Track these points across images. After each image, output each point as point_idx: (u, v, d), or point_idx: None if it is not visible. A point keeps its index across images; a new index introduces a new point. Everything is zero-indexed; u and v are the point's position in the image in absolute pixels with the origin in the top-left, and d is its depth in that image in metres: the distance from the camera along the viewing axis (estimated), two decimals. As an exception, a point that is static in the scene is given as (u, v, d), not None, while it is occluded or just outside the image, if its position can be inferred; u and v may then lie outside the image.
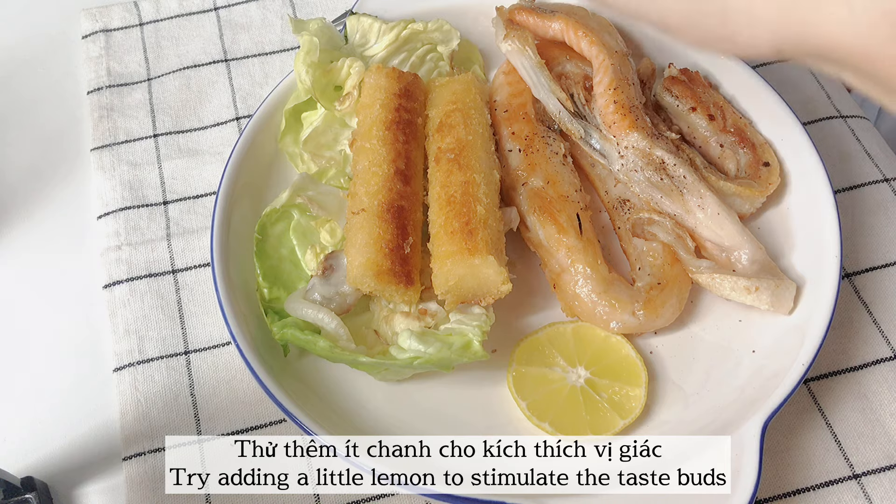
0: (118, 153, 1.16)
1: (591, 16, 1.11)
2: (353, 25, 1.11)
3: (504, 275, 0.89)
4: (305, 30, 1.06)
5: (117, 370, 0.99)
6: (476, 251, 0.88)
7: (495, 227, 0.93)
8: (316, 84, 1.04)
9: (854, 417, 0.93)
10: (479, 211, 0.92)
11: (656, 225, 0.99)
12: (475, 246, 0.89)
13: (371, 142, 0.97)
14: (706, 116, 1.06)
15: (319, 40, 1.04)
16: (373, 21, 1.10)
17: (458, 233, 0.90)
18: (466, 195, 0.93)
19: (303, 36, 1.05)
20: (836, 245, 0.94)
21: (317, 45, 1.04)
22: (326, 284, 0.92)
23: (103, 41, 1.27)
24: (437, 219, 0.93)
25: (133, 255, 1.07)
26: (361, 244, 0.91)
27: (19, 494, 0.86)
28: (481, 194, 0.93)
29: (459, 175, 0.94)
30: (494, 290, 0.90)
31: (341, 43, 1.10)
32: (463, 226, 0.90)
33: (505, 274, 0.89)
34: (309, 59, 1.03)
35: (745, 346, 0.94)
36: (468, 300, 0.92)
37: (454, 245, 0.89)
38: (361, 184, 0.95)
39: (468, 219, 0.91)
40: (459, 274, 0.88)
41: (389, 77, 1.02)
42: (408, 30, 1.10)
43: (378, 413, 0.92)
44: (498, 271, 0.88)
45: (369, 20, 1.10)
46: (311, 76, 1.03)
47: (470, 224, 0.90)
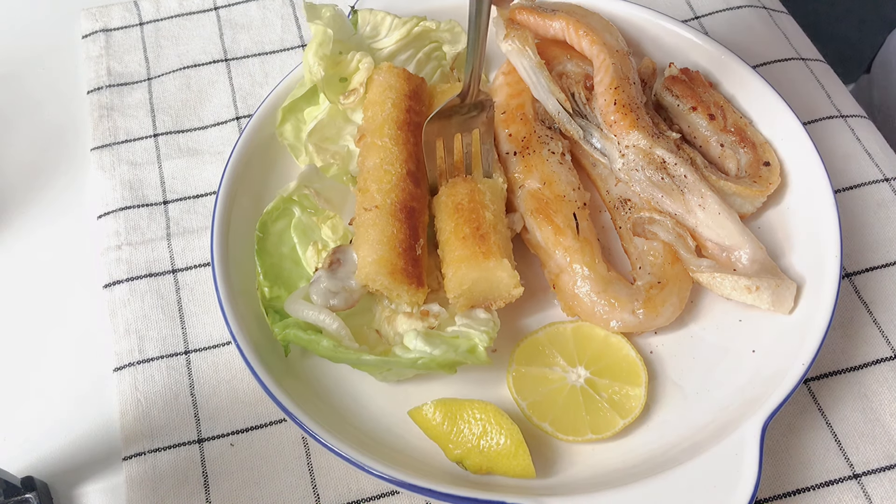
0: (118, 153, 1.16)
1: (591, 15, 1.11)
2: (365, 17, 1.10)
3: (517, 278, 0.89)
4: (318, 17, 1.04)
5: (117, 370, 0.99)
6: (490, 254, 0.89)
7: (504, 233, 0.94)
8: (325, 76, 1.03)
9: (854, 417, 0.93)
10: (488, 217, 0.92)
11: (657, 224, 0.99)
12: (489, 250, 0.89)
13: (383, 139, 0.97)
14: (707, 116, 1.06)
15: (332, 30, 1.03)
16: (385, 15, 1.09)
17: (470, 238, 0.90)
18: (473, 202, 0.93)
19: (316, 25, 1.03)
20: (836, 245, 0.94)
21: (331, 37, 1.02)
22: (333, 278, 0.92)
23: (103, 41, 1.27)
24: (445, 225, 0.94)
25: (133, 255, 1.07)
26: (374, 241, 0.90)
27: (19, 494, 0.86)
28: (487, 201, 0.94)
29: (464, 183, 0.95)
30: (506, 293, 0.91)
31: (351, 32, 1.09)
32: (474, 231, 0.91)
33: (517, 277, 0.89)
34: (321, 52, 1.02)
35: (745, 346, 0.94)
36: (479, 304, 0.92)
37: (467, 249, 0.90)
38: (373, 181, 0.95)
39: (478, 224, 0.91)
40: (474, 277, 0.89)
41: (400, 77, 1.02)
42: (420, 27, 1.10)
43: (378, 413, 0.92)
44: (511, 274, 0.89)
45: (381, 14, 1.10)
46: (323, 68, 1.02)
47: (480, 229, 0.91)
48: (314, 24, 1.03)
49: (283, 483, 0.91)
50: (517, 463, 0.84)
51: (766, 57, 1.23)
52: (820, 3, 2.68)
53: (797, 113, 1.05)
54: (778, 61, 1.23)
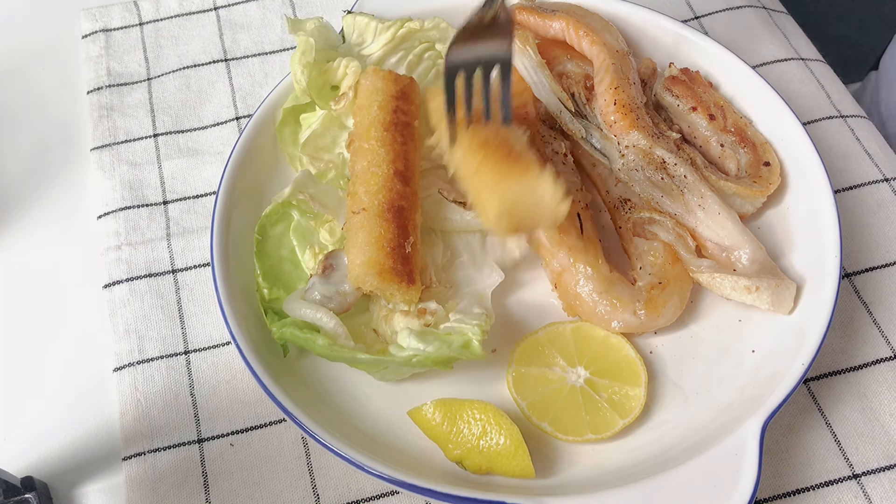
0: (118, 153, 1.16)
1: (591, 15, 1.11)
2: (350, 24, 1.11)
3: (561, 192, 0.83)
4: (302, 30, 1.06)
5: (117, 370, 0.99)
6: (531, 168, 0.83)
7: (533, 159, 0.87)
8: (312, 84, 1.04)
9: (854, 417, 0.93)
10: (518, 146, 0.87)
11: (657, 224, 0.99)
12: (528, 165, 0.84)
13: (370, 142, 0.98)
14: (706, 116, 1.06)
15: (316, 40, 1.05)
16: (369, 20, 1.10)
17: (505, 160, 0.85)
18: (500, 137, 0.87)
19: (299, 36, 1.05)
20: (836, 245, 0.94)
21: (312, 45, 1.04)
22: (326, 283, 0.92)
23: (103, 41, 1.27)
24: (471, 161, 0.87)
25: (133, 255, 1.07)
26: (363, 243, 0.91)
27: (19, 494, 0.86)
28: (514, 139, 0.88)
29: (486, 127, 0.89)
30: (550, 211, 0.84)
31: (339, 42, 1.11)
32: (506, 154, 0.85)
33: (562, 191, 0.83)
34: (304, 60, 1.04)
35: (745, 346, 0.94)
36: (524, 226, 0.86)
37: (505, 168, 0.84)
38: (361, 183, 0.95)
39: (509, 150, 0.86)
40: (516, 192, 0.83)
41: (386, 79, 1.02)
42: (404, 28, 1.10)
43: (378, 413, 0.92)
44: (555, 187, 0.82)
45: (365, 19, 1.10)
46: (306, 76, 1.03)
47: (513, 152, 0.85)
48: (297, 35, 1.05)
49: (283, 483, 0.91)
50: (517, 463, 0.84)
51: (766, 57, 1.23)
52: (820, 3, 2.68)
53: (797, 113, 1.05)
54: (778, 61, 1.23)
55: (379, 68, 1.04)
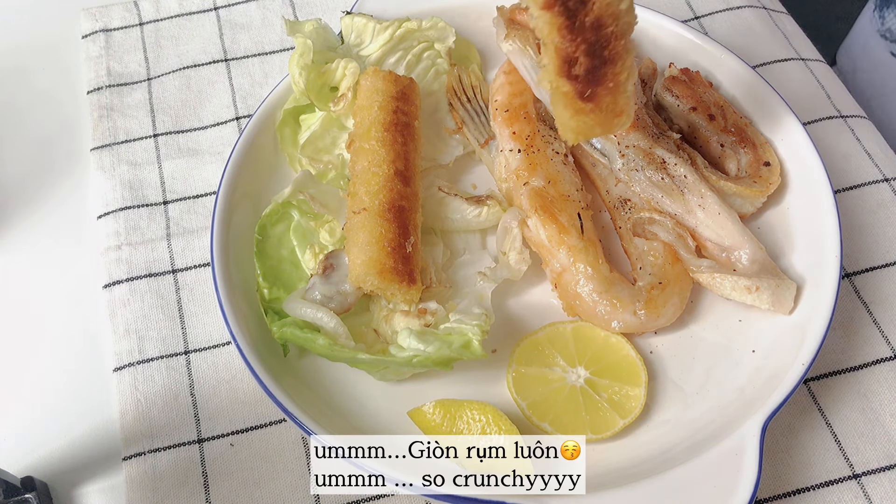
0: (118, 153, 1.16)
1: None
2: (348, 25, 1.11)
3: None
4: (300, 31, 1.06)
5: (117, 370, 0.99)
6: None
7: None
8: (310, 86, 1.04)
9: (854, 417, 0.93)
10: None
11: (657, 224, 0.99)
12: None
13: (370, 143, 0.98)
14: (706, 116, 1.06)
15: (314, 42, 1.05)
16: (367, 21, 1.10)
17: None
18: None
19: (297, 38, 1.05)
20: (836, 245, 0.94)
21: (310, 47, 1.04)
22: (327, 283, 0.92)
23: (103, 41, 1.27)
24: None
25: (133, 255, 1.07)
26: (363, 243, 0.91)
27: (19, 494, 0.86)
28: None
29: None
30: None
31: (337, 44, 1.11)
32: None
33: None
34: (303, 62, 1.04)
35: (745, 346, 0.94)
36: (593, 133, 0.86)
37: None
38: (362, 183, 0.95)
39: None
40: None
41: (386, 80, 1.03)
42: (402, 28, 1.11)
43: (378, 413, 0.92)
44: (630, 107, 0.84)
45: (363, 20, 1.10)
46: (304, 78, 1.03)
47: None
48: (295, 37, 1.05)
49: (283, 483, 0.91)
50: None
51: (766, 57, 1.23)
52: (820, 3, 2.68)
53: (797, 113, 1.05)
54: (778, 61, 1.23)
55: (379, 69, 1.05)
